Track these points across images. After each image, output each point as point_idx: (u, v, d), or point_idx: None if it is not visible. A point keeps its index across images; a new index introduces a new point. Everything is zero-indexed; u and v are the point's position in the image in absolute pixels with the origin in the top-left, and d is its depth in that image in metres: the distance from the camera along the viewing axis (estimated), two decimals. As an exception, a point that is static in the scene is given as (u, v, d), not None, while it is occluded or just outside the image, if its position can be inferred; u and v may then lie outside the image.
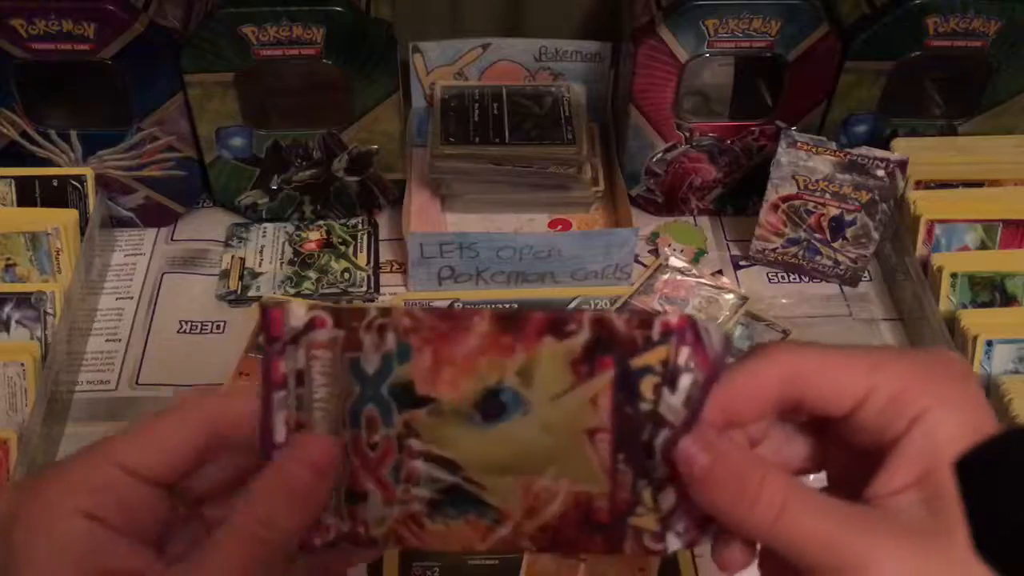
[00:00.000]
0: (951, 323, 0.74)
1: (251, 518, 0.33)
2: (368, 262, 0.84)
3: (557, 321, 0.32)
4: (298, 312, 0.33)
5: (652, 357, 0.32)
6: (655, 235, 0.88)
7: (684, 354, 0.32)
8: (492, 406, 0.33)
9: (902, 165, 0.75)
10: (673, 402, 0.32)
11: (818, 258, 0.82)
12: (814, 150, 0.77)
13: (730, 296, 0.82)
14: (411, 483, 0.35)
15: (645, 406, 0.32)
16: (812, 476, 0.37)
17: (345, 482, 0.35)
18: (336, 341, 0.33)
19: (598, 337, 0.32)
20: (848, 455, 0.35)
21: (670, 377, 0.32)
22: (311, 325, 0.33)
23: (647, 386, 0.32)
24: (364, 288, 0.82)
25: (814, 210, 0.79)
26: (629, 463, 0.33)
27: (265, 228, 0.87)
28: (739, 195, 0.88)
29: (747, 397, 0.34)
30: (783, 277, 0.84)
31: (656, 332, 0.32)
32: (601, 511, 0.34)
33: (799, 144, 0.77)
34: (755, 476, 0.32)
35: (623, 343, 0.32)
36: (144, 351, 0.77)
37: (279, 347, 0.33)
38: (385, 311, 0.33)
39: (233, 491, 0.37)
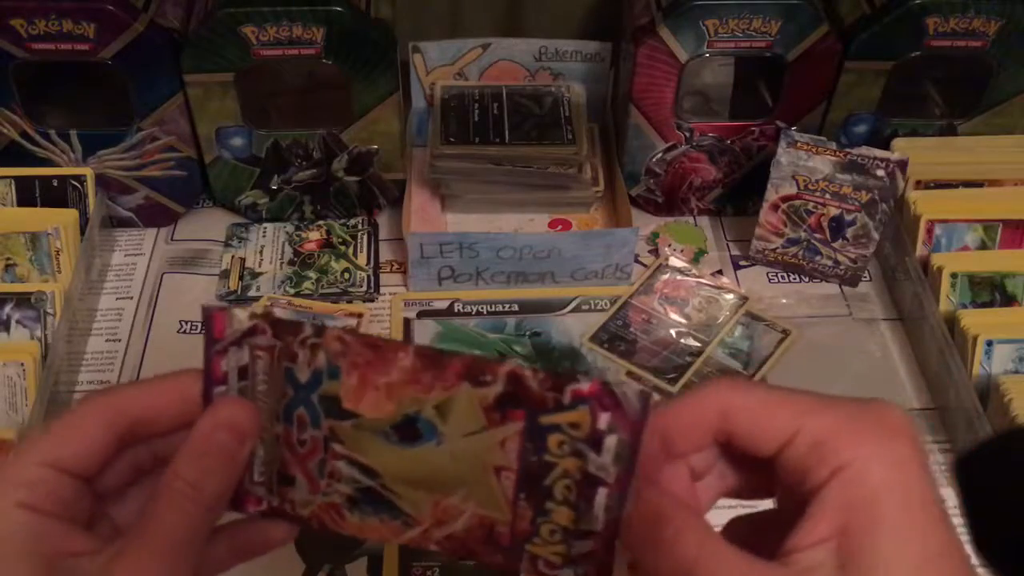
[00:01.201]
0: (951, 323, 0.74)
1: (179, 482, 0.34)
2: (368, 262, 0.84)
3: (475, 370, 0.34)
4: (241, 317, 0.35)
5: (561, 418, 0.34)
6: (655, 235, 0.88)
7: (604, 419, 0.33)
8: (409, 432, 0.36)
9: (902, 165, 0.75)
10: (602, 462, 0.34)
11: (818, 258, 0.82)
12: (814, 150, 0.77)
13: (730, 296, 0.82)
14: (333, 479, 0.37)
15: (549, 458, 0.35)
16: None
17: (277, 465, 0.38)
18: (274, 348, 0.36)
19: (512, 391, 0.34)
20: (787, 490, 0.35)
21: (594, 440, 0.34)
22: (252, 330, 0.35)
23: (554, 442, 0.34)
24: (364, 288, 0.82)
25: (814, 210, 0.79)
26: (530, 501, 0.36)
27: (265, 228, 0.87)
28: (739, 195, 0.88)
29: (684, 428, 0.35)
30: (783, 277, 0.84)
31: (567, 397, 0.33)
32: (503, 535, 0.37)
33: (799, 144, 0.77)
34: (671, 526, 0.32)
35: (534, 400, 0.34)
36: (144, 351, 0.77)
37: (221, 347, 0.36)
38: (319, 331, 0.35)
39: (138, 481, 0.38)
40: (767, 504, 0.37)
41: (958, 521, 0.33)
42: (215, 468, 0.35)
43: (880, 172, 0.76)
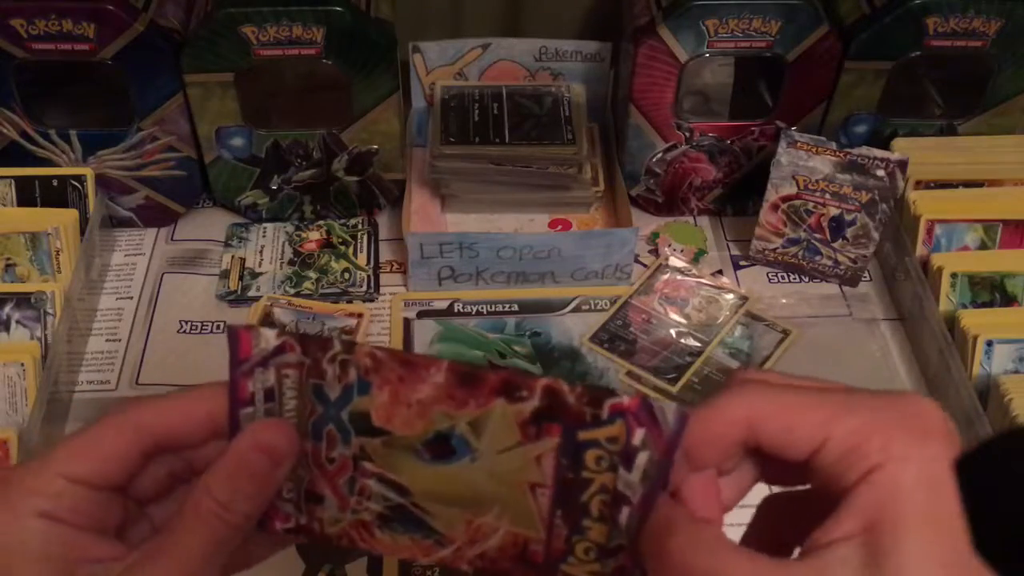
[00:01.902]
0: (951, 323, 0.74)
1: (211, 500, 0.34)
2: (368, 262, 0.84)
3: (510, 386, 0.34)
4: (268, 336, 0.35)
5: (600, 433, 0.33)
6: (655, 235, 0.88)
7: (639, 435, 0.33)
8: (442, 448, 0.35)
9: (902, 165, 0.75)
10: (630, 479, 0.34)
11: (818, 258, 0.82)
12: (814, 150, 0.77)
13: (730, 296, 0.82)
14: (363, 496, 0.37)
15: (587, 474, 0.34)
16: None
17: (305, 484, 0.37)
18: (303, 365, 0.35)
19: (548, 405, 0.33)
20: (820, 489, 0.34)
21: (626, 456, 0.33)
22: (281, 349, 0.35)
23: (591, 458, 0.34)
24: (364, 288, 0.82)
25: (814, 210, 0.79)
26: (565, 519, 0.35)
27: (265, 228, 0.87)
28: (739, 195, 0.88)
29: (710, 440, 0.34)
30: (783, 277, 0.84)
31: (605, 411, 0.33)
32: (537, 553, 0.36)
33: (799, 144, 0.77)
34: (681, 536, 0.32)
35: (571, 415, 0.33)
36: (144, 351, 0.77)
37: (247, 368, 0.35)
38: (349, 347, 0.34)
39: (175, 491, 0.38)
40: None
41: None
42: (248, 491, 0.35)
43: (880, 172, 0.76)
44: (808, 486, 0.35)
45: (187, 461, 0.37)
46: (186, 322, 0.80)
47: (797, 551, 0.32)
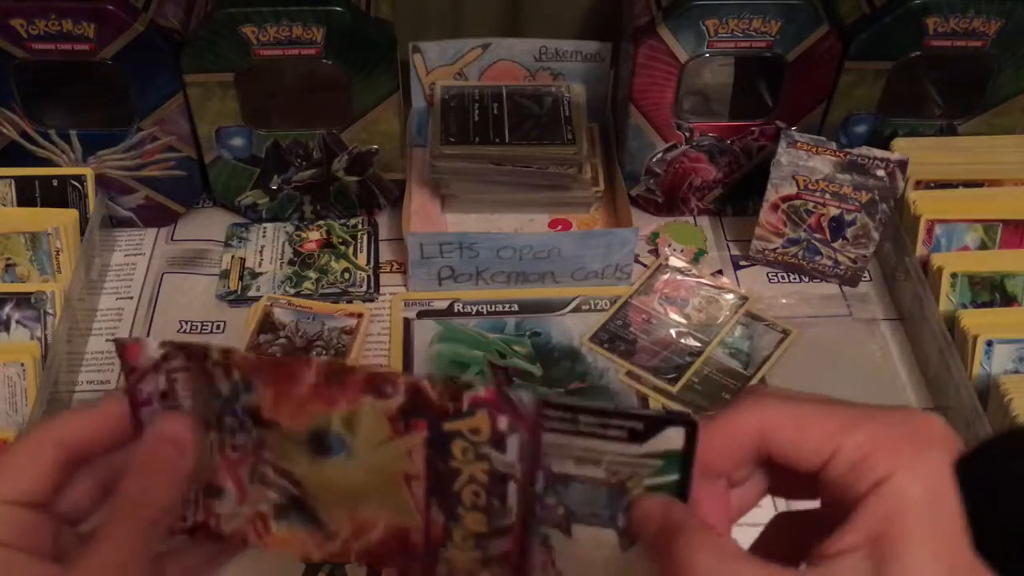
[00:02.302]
0: (951, 323, 0.74)
1: (127, 498, 0.36)
2: (368, 262, 0.84)
3: (376, 383, 0.35)
4: (152, 346, 0.37)
5: (462, 425, 0.35)
6: (655, 235, 0.88)
7: (503, 421, 0.35)
8: (320, 445, 0.37)
9: (902, 165, 0.75)
10: (508, 460, 0.35)
11: (818, 258, 0.82)
12: (814, 150, 0.77)
13: (730, 296, 0.82)
14: (264, 484, 0.38)
15: (455, 464, 0.36)
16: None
17: (205, 478, 0.38)
18: (190, 369, 0.37)
19: (412, 402, 0.35)
20: (830, 501, 0.35)
21: (496, 441, 0.35)
22: (165, 357, 0.37)
23: (457, 448, 0.36)
24: (364, 288, 0.82)
25: (814, 210, 0.79)
26: (441, 507, 0.37)
27: (265, 228, 0.87)
28: (739, 195, 0.88)
29: (721, 450, 0.35)
30: (783, 277, 0.84)
31: (465, 404, 0.35)
32: (417, 544, 0.38)
33: (799, 144, 0.77)
34: (688, 542, 0.33)
35: (435, 410, 0.35)
36: (144, 351, 0.77)
37: (138, 375, 0.37)
38: (225, 352, 0.36)
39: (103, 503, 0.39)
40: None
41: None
42: (159, 482, 0.36)
43: (880, 172, 0.76)
44: (817, 502, 0.36)
45: (113, 469, 0.38)
46: (186, 322, 0.80)
47: (803, 567, 0.33)
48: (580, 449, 0.35)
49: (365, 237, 0.86)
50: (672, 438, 0.34)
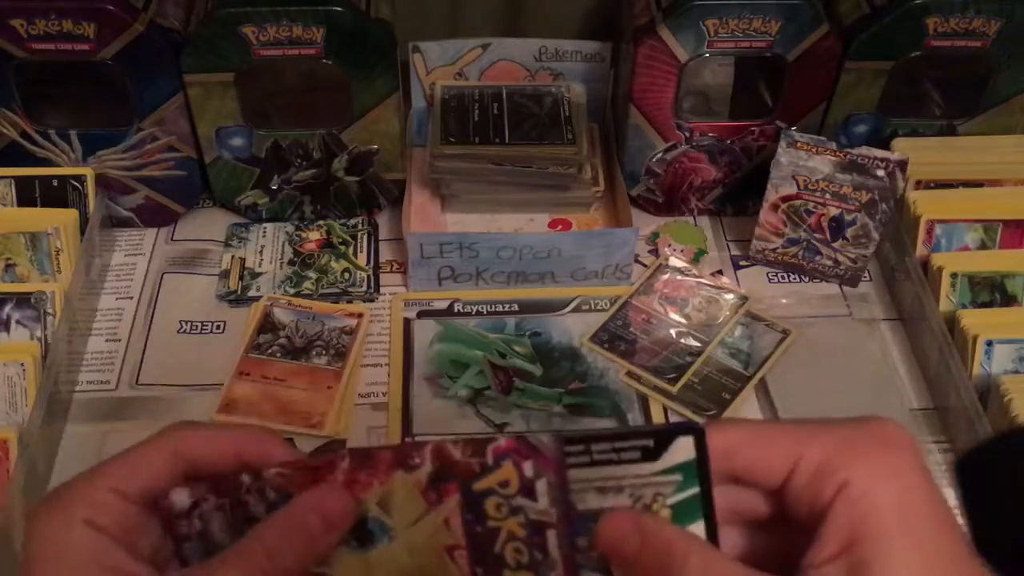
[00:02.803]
0: (951, 323, 0.74)
1: (259, 543, 0.35)
2: (368, 262, 0.84)
3: (402, 456, 0.36)
4: (181, 497, 0.37)
5: (491, 480, 0.35)
6: (655, 235, 0.88)
7: (528, 466, 0.35)
8: (363, 534, 0.37)
9: (902, 165, 0.75)
10: (540, 507, 0.35)
11: (818, 258, 0.82)
12: (814, 150, 0.77)
13: (730, 296, 0.82)
14: None
15: (492, 524, 0.36)
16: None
17: None
18: (224, 505, 0.37)
19: (439, 467, 0.35)
20: (800, 519, 0.35)
21: (526, 490, 0.35)
22: (196, 504, 0.37)
23: (491, 506, 0.36)
24: (364, 288, 0.82)
25: (814, 210, 0.79)
26: (487, 572, 0.37)
27: (265, 228, 0.87)
28: (739, 195, 0.88)
29: None
30: (783, 277, 0.84)
31: (489, 457, 0.35)
32: None
33: (799, 144, 0.77)
34: (677, 555, 0.33)
35: (462, 470, 0.35)
36: (144, 351, 0.77)
37: (175, 523, 0.37)
38: (256, 476, 0.36)
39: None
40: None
41: (960, 521, 0.33)
42: (296, 547, 0.36)
43: (880, 172, 0.76)
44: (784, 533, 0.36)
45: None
46: (186, 322, 0.80)
47: None
48: (600, 480, 0.35)
49: (365, 237, 0.86)
50: (683, 448, 0.34)
